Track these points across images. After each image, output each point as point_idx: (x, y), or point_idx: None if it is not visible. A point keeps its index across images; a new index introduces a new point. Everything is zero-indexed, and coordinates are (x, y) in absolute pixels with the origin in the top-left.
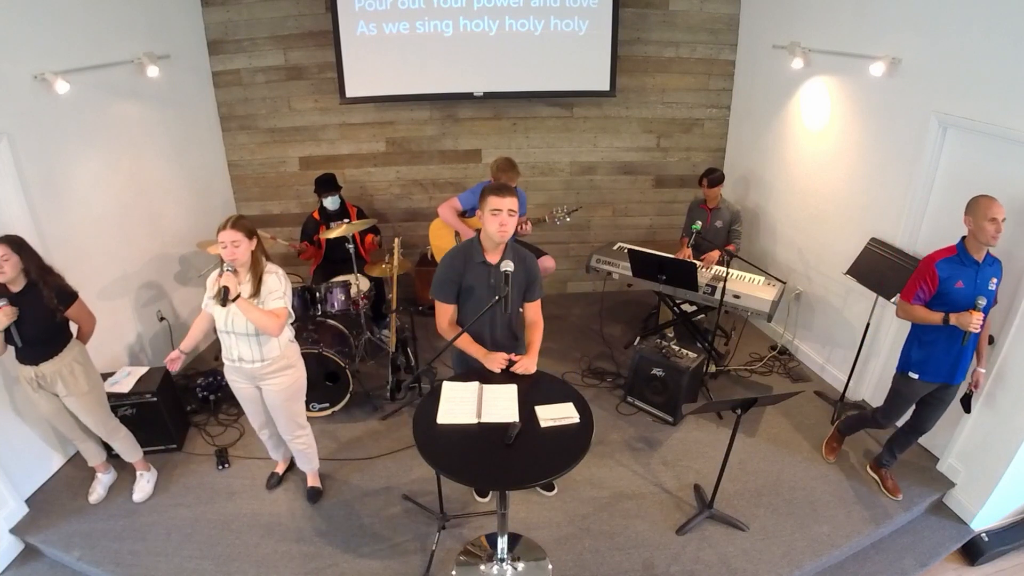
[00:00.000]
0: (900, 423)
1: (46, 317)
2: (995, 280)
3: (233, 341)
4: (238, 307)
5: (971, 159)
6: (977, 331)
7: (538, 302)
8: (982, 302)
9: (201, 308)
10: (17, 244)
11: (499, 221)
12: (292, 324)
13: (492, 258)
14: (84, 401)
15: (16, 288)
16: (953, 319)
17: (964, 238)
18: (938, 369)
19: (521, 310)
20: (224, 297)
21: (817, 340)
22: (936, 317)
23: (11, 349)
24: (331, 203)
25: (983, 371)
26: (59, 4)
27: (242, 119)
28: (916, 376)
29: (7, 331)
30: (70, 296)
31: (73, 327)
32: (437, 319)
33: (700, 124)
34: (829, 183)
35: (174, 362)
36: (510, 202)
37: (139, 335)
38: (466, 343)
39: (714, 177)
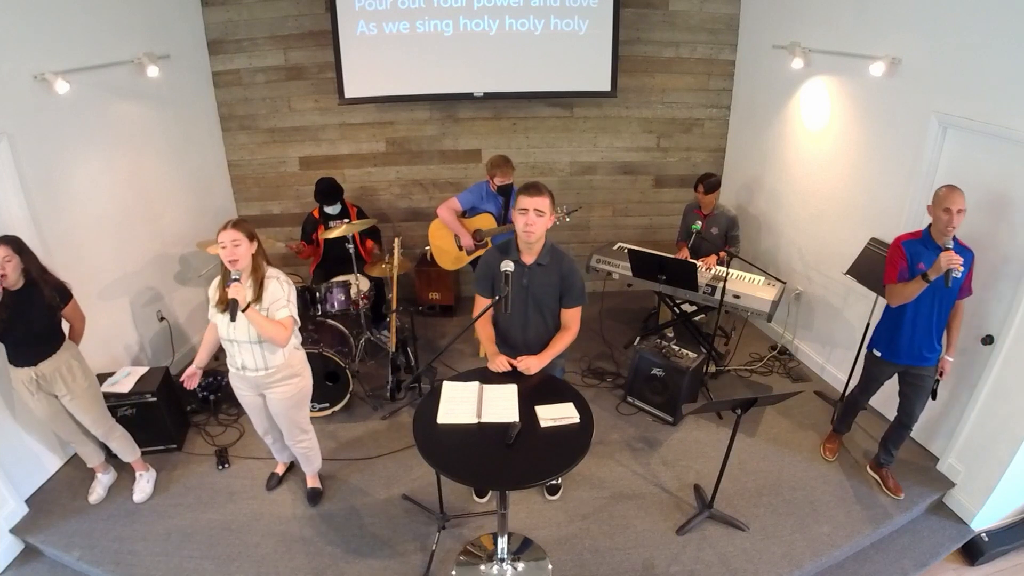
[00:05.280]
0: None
1: (46, 315)
2: (962, 269)
3: (236, 349)
4: (247, 318)
5: (971, 159)
6: (957, 269)
7: (577, 309)
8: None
9: (208, 320)
10: (18, 245)
11: (525, 220)
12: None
13: (527, 258)
14: (82, 399)
15: (15, 288)
16: (931, 271)
17: (930, 225)
18: (898, 350)
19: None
20: (233, 310)
21: (817, 340)
22: (917, 282)
23: (3, 355)
24: (332, 209)
25: (950, 359)
26: (59, 4)
27: (242, 119)
28: (879, 354)
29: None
30: (67, 294)
31: (65, 327)
32: (474, 311)
33: (700, 124)
34: (829, 183)
35: (191, 379)
36: (537, 202)
37: (139, 335)
38: (484, 338)
39: (711, 182)
